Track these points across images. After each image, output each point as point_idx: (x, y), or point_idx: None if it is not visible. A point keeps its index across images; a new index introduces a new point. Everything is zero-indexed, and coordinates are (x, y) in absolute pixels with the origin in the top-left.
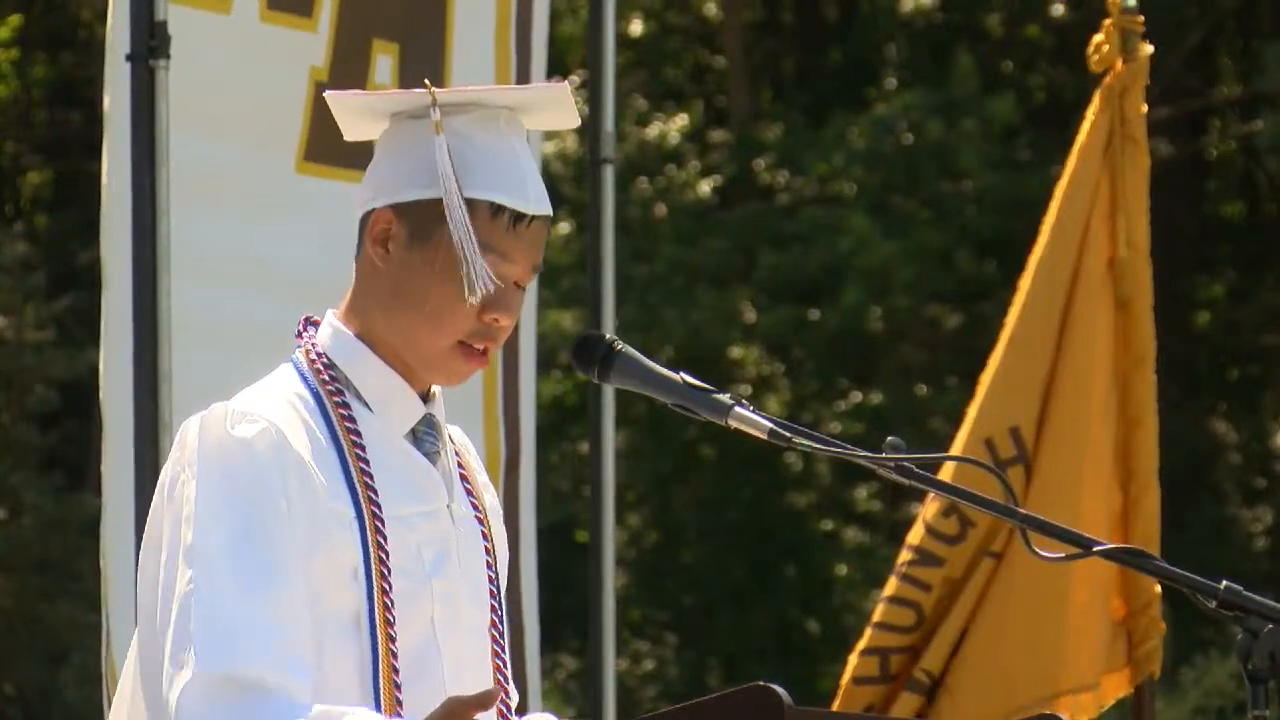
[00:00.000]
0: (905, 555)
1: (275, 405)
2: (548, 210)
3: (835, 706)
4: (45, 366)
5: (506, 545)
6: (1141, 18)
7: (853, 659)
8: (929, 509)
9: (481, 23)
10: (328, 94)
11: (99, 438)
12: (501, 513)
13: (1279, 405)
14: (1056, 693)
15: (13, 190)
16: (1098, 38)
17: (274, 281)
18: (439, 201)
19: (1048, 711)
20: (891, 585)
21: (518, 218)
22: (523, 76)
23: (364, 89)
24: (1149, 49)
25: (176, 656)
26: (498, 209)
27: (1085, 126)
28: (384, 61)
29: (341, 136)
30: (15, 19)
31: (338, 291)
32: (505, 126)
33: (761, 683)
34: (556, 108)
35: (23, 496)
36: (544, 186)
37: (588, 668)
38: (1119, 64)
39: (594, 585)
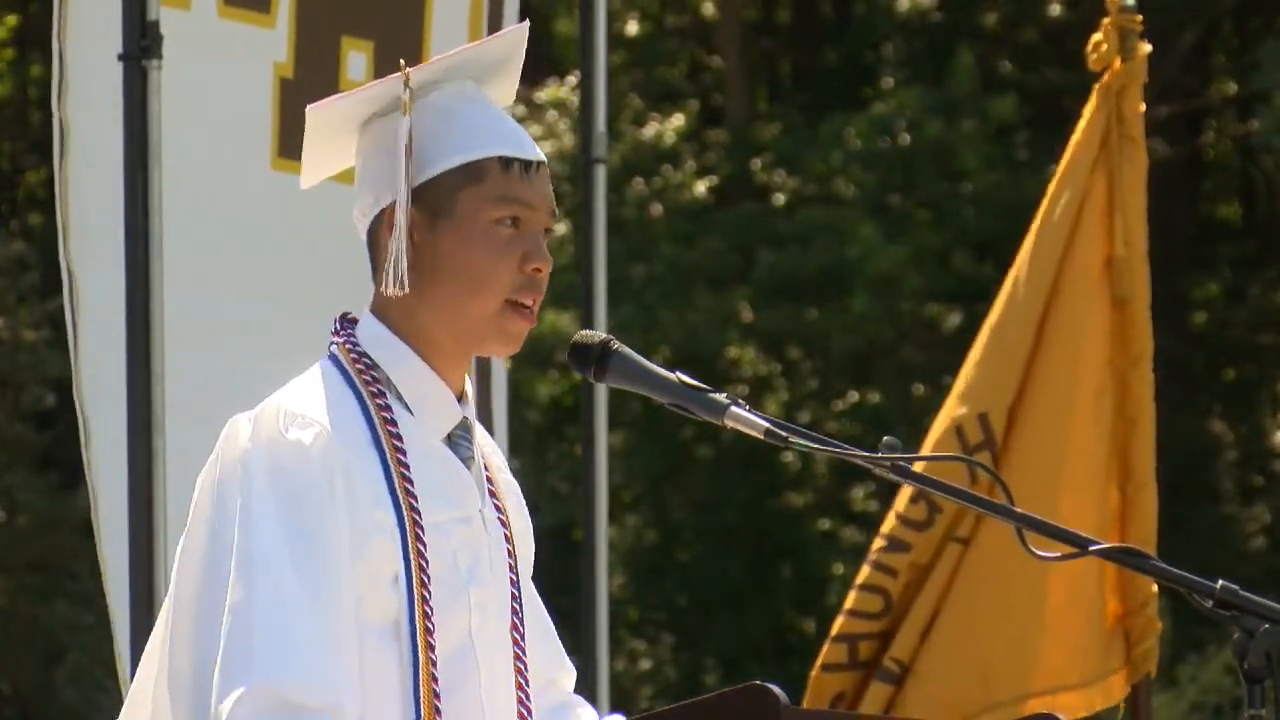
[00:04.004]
0: (878, 543)
1: (324, 407)
2: (544, 157)
3: (806, 695)
4: (41, 366)
5: (532, 540)
6: (1140, 17)
7: (825, 646)
8: (901, 498)
9: (456, 20)
10: (310, 108)
11: None
12: (525, 507)
13: (1276, 404)
14: (1030, 692)
15: (9, 190)
16: (1096, 36)
17: (255, 280)
18: (447, 173)
19: (1043, 711)
20: (863, 573)
21: (526, 165)
22: None
23: (336, 87)
24: (1147, 48)
25: (231, 667)
26: (507, 161)
27: (1081, 124)
28: (357, 59)
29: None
30: (11, 19)
31: (317, 289)
32: (474, 90)
33: (759, 682)
34: (508, 67)
35: (18, 496)
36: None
37: (582, 668)
38: (1117, 63)
39: (587, 585)
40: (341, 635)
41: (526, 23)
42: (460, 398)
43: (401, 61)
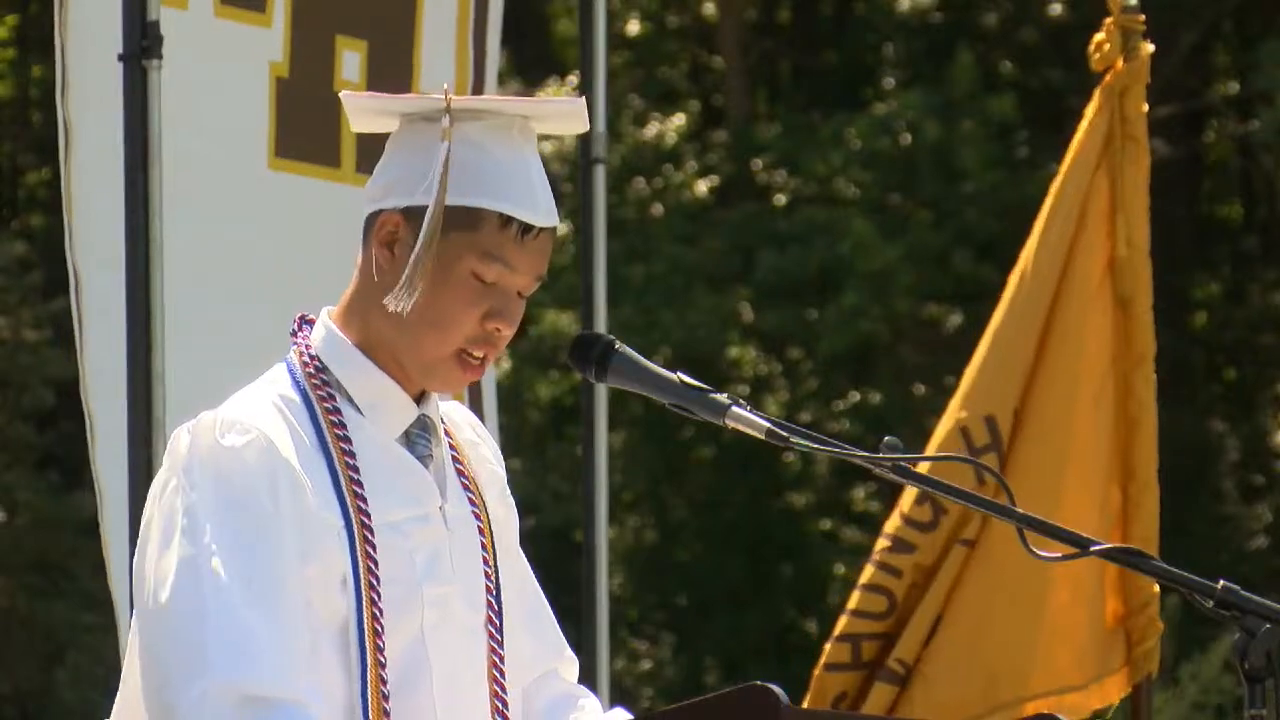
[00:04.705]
0: (882, 543)
1: (264, 412)
2: (555, 222)
3: (808, 694)
4: (42, 366)
5: (515, 528)
6: (1142, 17)
7: (827, 646)
8: (905, 498)
9: (445, 21)
10: (343, 94)
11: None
12: (509, 495)
13: (1276, 404)
14: (1034, 694)
15: (10, 190)
16: (1099, 36)
17: (251, 279)
18: (449, 209)
19: (1045, 712)
20: (867, 573)
21: (525, 229)
22: (479, 76)
23: (331, 86)
24: (1150, 48)
25: (185, 668)
26: (506, 220)
27: (1083, 124)
28: (351, 58)
29: (308, 133)
30: (12, 19)
31: (314, 288)
32: (519, 135)
33: (759, 682)
34: (569, 117)
35: (18, 496)
36: (553, 198)
37: (583, 667)
38: (1120, 63)
39: (587, 585)
40: (293, 632)
41: (583, 99)
42: (420, 397)
43: (446, 87)
